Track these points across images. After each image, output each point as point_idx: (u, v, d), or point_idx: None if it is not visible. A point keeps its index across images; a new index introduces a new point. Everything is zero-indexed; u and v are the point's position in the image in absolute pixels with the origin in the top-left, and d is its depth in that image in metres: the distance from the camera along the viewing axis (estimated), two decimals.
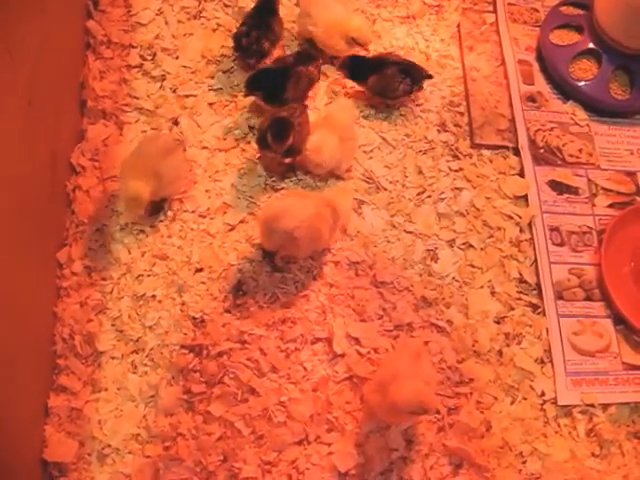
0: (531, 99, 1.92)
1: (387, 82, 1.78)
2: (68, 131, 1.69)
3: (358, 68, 1.80)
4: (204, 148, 1.74)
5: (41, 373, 1.46)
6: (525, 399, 1.57)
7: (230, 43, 1.86)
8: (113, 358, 1.51)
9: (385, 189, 1.74)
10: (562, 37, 1.99)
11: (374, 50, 1.92)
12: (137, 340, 1.53)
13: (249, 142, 1.75)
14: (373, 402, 1.40)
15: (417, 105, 1.87)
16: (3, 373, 1.25)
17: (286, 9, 1.94)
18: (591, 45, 1.94)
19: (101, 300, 1.56)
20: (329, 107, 1.78)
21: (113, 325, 1.54)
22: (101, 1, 1.89)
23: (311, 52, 1.82)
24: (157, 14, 1.91)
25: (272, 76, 1.73)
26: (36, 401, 1.43)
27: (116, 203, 1.65)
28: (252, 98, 1.76)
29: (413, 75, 1.80)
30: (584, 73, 1.94)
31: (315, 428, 1.45)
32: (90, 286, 1.56)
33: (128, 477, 1.41)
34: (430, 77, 1.83)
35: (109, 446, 1.44)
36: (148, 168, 1.54)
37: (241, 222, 1.66)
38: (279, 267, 1.59)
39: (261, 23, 1.78)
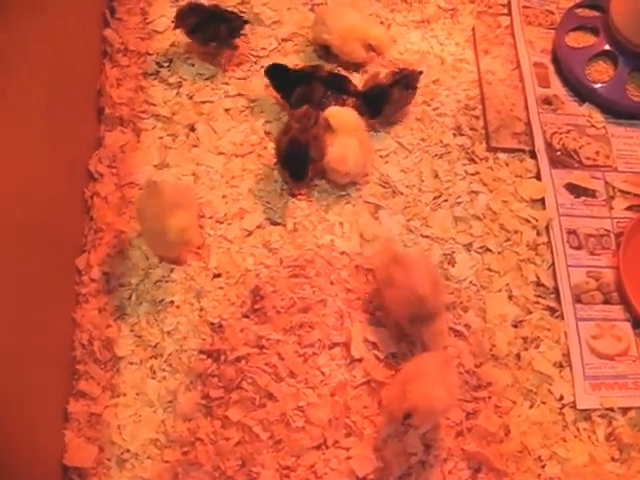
0: (547, 102, 1.91)
1: (311, 98, 1.75)
2: (86, 138, 1.71)
3: (283, 79, 1.79)
4: (220, 154, 1.74)
5: (60, 379, 1.47)
6: (544, 403, 1.56)
7: (245, 49, 1.88)
8: (132, 363, 1.52)
9: (401, 193, 1.74)
10: (578, 39, 1.98)
11: (390, 56, 1.92)
12: (155, 345, 1.53)
13: (265, 147, 1.75)
14: (391, 398, 1.41)
15: (433, 109, 1.87)
16: (23, 379, 1.26)
17: (300, 14, 1.96)
18: (607, 47, 1.93)
19: (119, 306, 1.57)
20: (329, 111, 1.73)
21: (132, 331, 1.55)
22: (118, 9, 1.91)
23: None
24: (173, 21, 1.92)
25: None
26: (56, 406, 1.44)
27: (134, 210, 1.66)
28: (268, 101, 1.79)
29: (341, 88, 1.80)
30: (600, 75, 1.93)
31: (333, 433, 1.45)
32: (108, 292, 1.57)
33: None
34: (359, 97, 1.81)
35: (128, 451, 1.44)
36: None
37: (258, 227, 1.66)
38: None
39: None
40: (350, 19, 1.84)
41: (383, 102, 1.75)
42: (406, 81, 1.77)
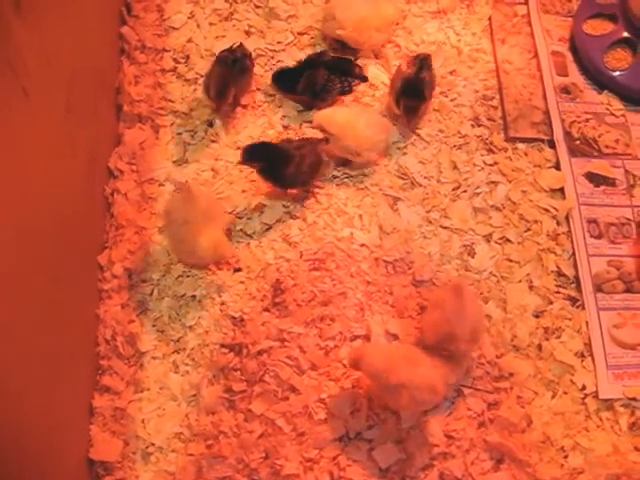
0: (565, 90, 1.90)
1: (315, 82, 1.76)
2: (105, 135, 1.72)
3: (287, 79, 1.80)
4: (239, 149, 1.74)
5: (85, 374, 1.49)
6: (566, 393, 1.56)
7: (262, 44, 1.88)
8: (155, 358, 1.54)
9: (420, 185, 1.74)
10: (595, 27, 1.96)
11: (405, 47, 1.92)
12: (178, 340, 1.55)
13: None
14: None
15: (451, 100, 1.86)
16: (49, 375, 1.28)
17: (315, 8, 1.96)
18: (625, 34, 1.91)
19: (142, 301, 1.58)
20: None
21: (154, 326, 1.56)
22: (134, 7, 1.92)
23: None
24: (189, 17, 1.93)
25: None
26: (81, 401, 1.46)
27: (154, 206, 1.67)
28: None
29: (346, 71, 1.81)
30: (619, 63, 1.92)
31: (355, 425, 1.46)
32: (131, 288, 1.59)
33: (172, 475, 1.43)
34: (364, 80, 1.83)
35: (153, 445, 1.47)
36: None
37: (278, 221, 1.67)
38: None
39: None
40: (360, 9, 1.83)
41: (422, 89, 1.74)
42: (427, 63, 1.76)
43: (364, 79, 1.83)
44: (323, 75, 1.77)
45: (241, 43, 1.79)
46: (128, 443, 1.46)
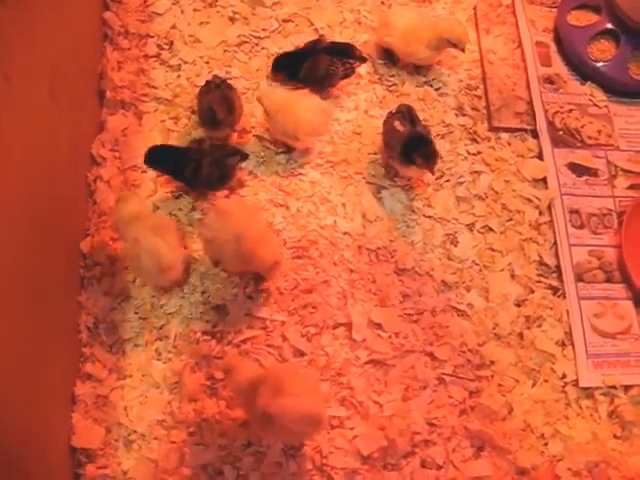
0: (549, 81, 1.91)
1: (319, 68, 1.76)
2: (88, 122, 1.71)
3: (287, 64, 1.79)
4: None
5: (67, 361, 1.48)
6: (546, 381, 1.57)
7: (246, 31, 1.87)
8: (137, 346, 1.53)
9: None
10: (580, 18, 1.97)
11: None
12: (160, 328, 1.54)
13: (267, 129, 1.75)
14: None
15: (435, 89, 1.86)
16: (31, 363, 1.27)
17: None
18: (609, 25, 1.92)
19: (124, 289, 1.58)
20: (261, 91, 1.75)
21: (136, 313, 1.56)
22: None
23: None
24: (173, 3, 1.91)
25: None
26: (63, 389, 1.46)
27: (137, 193, 1.66)
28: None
29: (347, 55, 1.79)
30: (602, 54, 1.92)
31: (338, 412, 1.47)
32: (113, 275, 1.58)
33: (154, 462, 1.43)
34: (363, 60, 1.81)
35: (135, 432, 1.46)
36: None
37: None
38: None
39: None
40: (409, 19, 1.81)
41: (427, 134, 1.69)
42: (414, 114, 1.70)
43: (364, 60, 1.81)
44: (325, 61, 1.75)
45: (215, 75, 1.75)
46: (110, 430, 1.46)
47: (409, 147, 1.60)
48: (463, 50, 1.79)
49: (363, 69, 1.86)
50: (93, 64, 1.77)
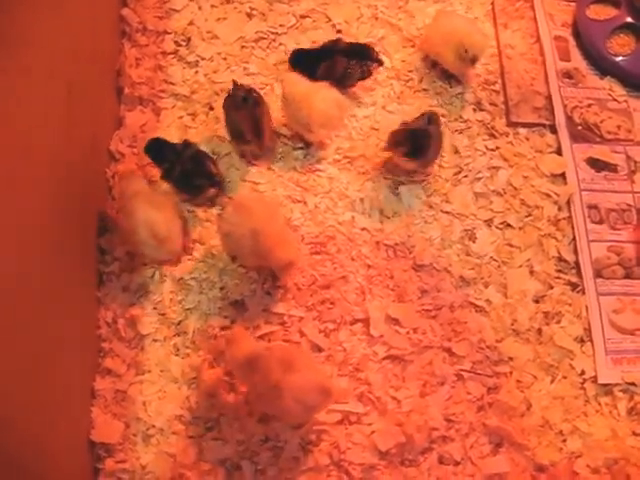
0: (568, 76, 1.90)
1: (336, 69, 1.75)
2: (106, 118, 1.72)
3: (306, 62, 1.78)
4: None
5: (87, 356, 1.49)
6: (565, 378, 1.56)
7: (263, 27, 1.88)
8: (156, 341, 1.54)
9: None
10: (599, 12, 1.96)
11: (406, 31, 1.91)
12: (179, 323, 1.55)
13: (285, 125, 1.75)
14: None
15: (453, 85, 1.86)
16: (51, 358, 1.28)
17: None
18: (629, 19, 1.91)
19: (143, 284, 1.58)
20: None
21: (155, 309, 1.56)
22: None
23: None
24: (190, 0, 1.92)
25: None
26: (83, 384, 1.47)
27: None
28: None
29: (365, 57, 1.78)
30: (622, 48, 1.91)
31: (356, 408, 1.47)
32: (132, 271, 1.59)
33: (173, 457, 1.44)
34: (381, 63, 1.80)
35: (153, 427, 1.47)
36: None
37: (279, 205, 1.67)
38: None
39: None
40: (452, 24, 1.80)
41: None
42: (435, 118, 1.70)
43: (381, 62, 1.80)
44: (342, 64, 1.75)
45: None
46: (129, 425, 1.46)
47: (403, 140, 1.62)
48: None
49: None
50: (111, 61, 1.78)
